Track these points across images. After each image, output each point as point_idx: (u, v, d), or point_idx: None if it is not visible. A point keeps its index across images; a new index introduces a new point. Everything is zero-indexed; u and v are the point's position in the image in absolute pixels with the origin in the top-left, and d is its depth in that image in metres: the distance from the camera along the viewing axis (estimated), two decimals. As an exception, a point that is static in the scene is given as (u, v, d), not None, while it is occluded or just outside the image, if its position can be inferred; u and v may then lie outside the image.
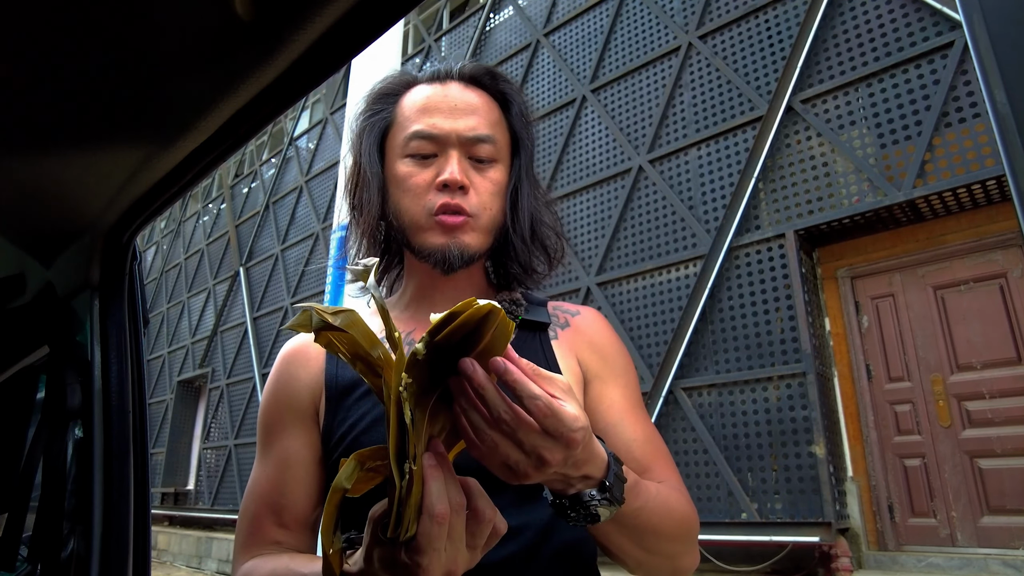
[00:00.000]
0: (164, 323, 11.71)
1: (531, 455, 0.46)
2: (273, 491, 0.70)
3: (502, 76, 0.81)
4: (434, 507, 0.43)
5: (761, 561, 3.95)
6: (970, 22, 0.38)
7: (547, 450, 0.45)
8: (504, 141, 0.78)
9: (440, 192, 0.72)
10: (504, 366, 0.45)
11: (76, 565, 0.72)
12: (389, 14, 0.42)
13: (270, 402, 0.75)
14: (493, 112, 0.77)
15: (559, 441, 0.45)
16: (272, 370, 0.78)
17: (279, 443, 0.72)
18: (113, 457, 0.74)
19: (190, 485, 10.02)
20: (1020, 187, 0.35)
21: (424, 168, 0.74)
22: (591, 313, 0.82)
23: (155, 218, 0.69)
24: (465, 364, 0.44)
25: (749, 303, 4.25)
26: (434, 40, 7.86)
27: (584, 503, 0.51)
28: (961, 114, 3.65)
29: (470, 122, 0.74)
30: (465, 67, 0.79)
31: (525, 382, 0.45)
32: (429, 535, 0.43)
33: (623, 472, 0.55)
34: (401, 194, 0.74)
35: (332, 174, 8.35)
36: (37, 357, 0.87)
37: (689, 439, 4.29)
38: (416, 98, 0.77)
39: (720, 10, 5.01)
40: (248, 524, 0.70)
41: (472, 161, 0.74)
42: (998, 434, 3.55)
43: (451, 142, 0.73)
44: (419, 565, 0.43)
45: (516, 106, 0.80)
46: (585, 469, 0.50)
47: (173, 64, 0.47)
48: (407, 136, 0.74)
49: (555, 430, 0.45)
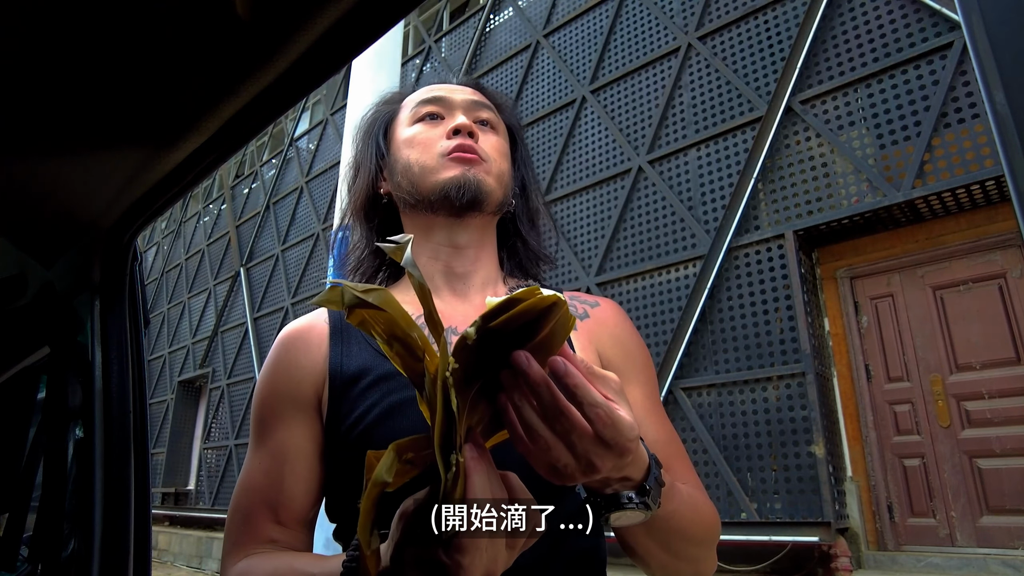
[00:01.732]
0: (165, 323, 11.71)
1: (581, 460, 0.43)
2: (269, 486, 0.65)
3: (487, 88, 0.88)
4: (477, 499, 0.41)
5: (760, 561, 3.95)
6: (969, 23, 0.39)
7: (599, 457, 0.43)
8: (502, 126, 0.83)
9: (451, 138, 0.75)
10: (565, 368, 0.42)
11: (76, 565, 0.72)
12: (389, 15, 0.42)
13: (267, 390, 0.70)
14: (493, 107, 0.83)
15: (613, 449, 0.43)
16: (269, 355, 0.73)
17: (277, 434, 0.67)
18: (113, 457, 0.74)
19: (191, 485, 10.01)
20: (1019, 187, 0.35)
21: (433, 127, 0.77)
22: (611, 305, 0.80)
23: (155, 219, 0.69)
24: (520, 358, 0.41)
25: (748, 303, 4.25)
26: (434, 41, 7.86)
27: (620, 504, 0.49)
28: (960, 115, 3.65)
29: (471, 95, 0.81)
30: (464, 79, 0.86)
31: (587, 388, 0.42)
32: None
33: (662, 475, 0.52)
34: (410, 150, 0.76)
35: (332, 175, 8.35)
36: (38, 357, 0.87)
37: (689, 439, 4.29)
38: (417, 91, 0.83)
39: (720, 11, 5.01)
40: (241, 521, 0.65)
41: (477, 124, 0.79)
42: (997, 434, 3.55)
43: (456, 105, 0.79)
44: (460, 565, 0.40)
45: (507, 110, 0.86)
46: (626, 471, 0.48)
47: (173, 65, 0.47)
48: (414, 105, 0.80)
49: (612, 440, 0.43)
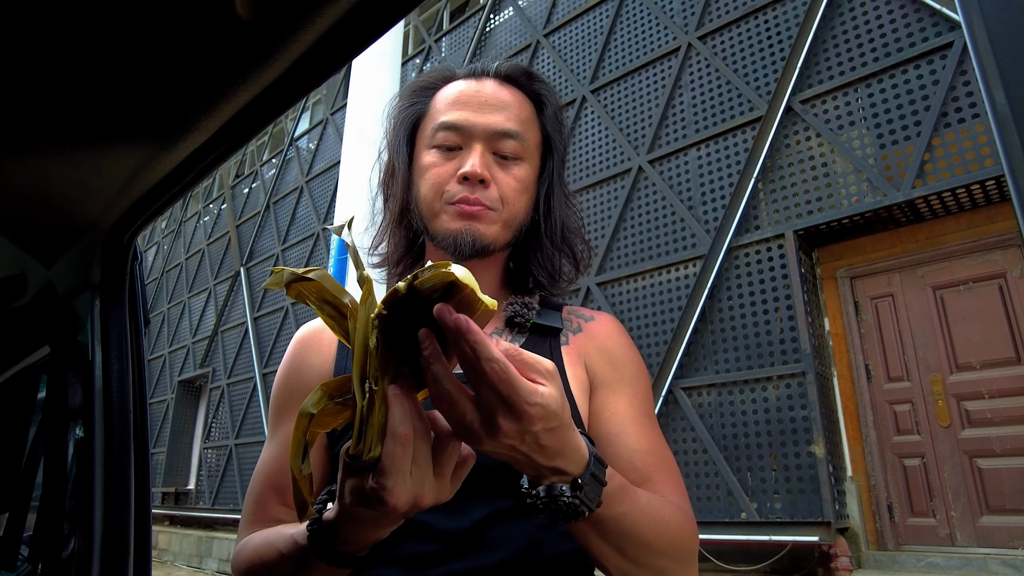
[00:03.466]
0: (165, 323, 11.71)
1: (485, 418, 0.45)
2: (278, 472, 0.71)
3: (538, 77, 0.81)
4: (396, 428, 0.44)
5: (760, 561, 3.95)
6: (969, 22, 0.39)
7: (501, 416, 0.45)
8: (534, 140, 0.78)
9: (460, 184, 0.72)
10: (468, 325, 0.44)
11: (77, 565, 0.72)
12: (389, 15, 0.42)
13: (281, 385, 0.77)
14: (525, 110, 0.78)
15: (513, 411, 0.44)
16: (286, 353, 0.81)
17: (287, 426, 0.73)
18: (114, 457, 0.74)
19: (191, 485, 10.01)
20: (1019, 187, 0.35)
21: (447, 160, 0.75)
22: (606, 319, 0.81)
23: (156, 218, 0.69)
24: (442, 309, 0.44)
25: (748, 303, 4.25)
26: (434, 41, 7.86)
27: (554, 497, 0.50)
28: (960, 114, 3.65)
29: (498, 117, 0.75)
30: (502, 66, 0.79)
31: (485, 343, 0.44)
32: (393, 456, 0.44)
33: (605, 475, 0.53)
34: (422, 183, 0.75)
35: (332, 174, 8.35)
36: (38, 357, 0.87)
37: (689, 439, 4.29)
38: (449, 92, 0.78)
39: (720, 11, 5.01)
40: (253, 503, 0.72)
41: (497, 157, 0.75)
42: (997, 434, 3.55)
43: (476, 135, 0.74)
44: (384, 488, 0.44)
45: (550, 107, 0.81)
46: (557, 462, 0.49)
47: (173, 64, 0.47)
48: (434, 127, 0.76)
49: (509, 397, 0.44)
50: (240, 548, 0.68)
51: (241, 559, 0.66)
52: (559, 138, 0.81)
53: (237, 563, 0.67)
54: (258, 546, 0.64)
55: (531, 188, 0.77)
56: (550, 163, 0.80)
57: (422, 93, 0.81)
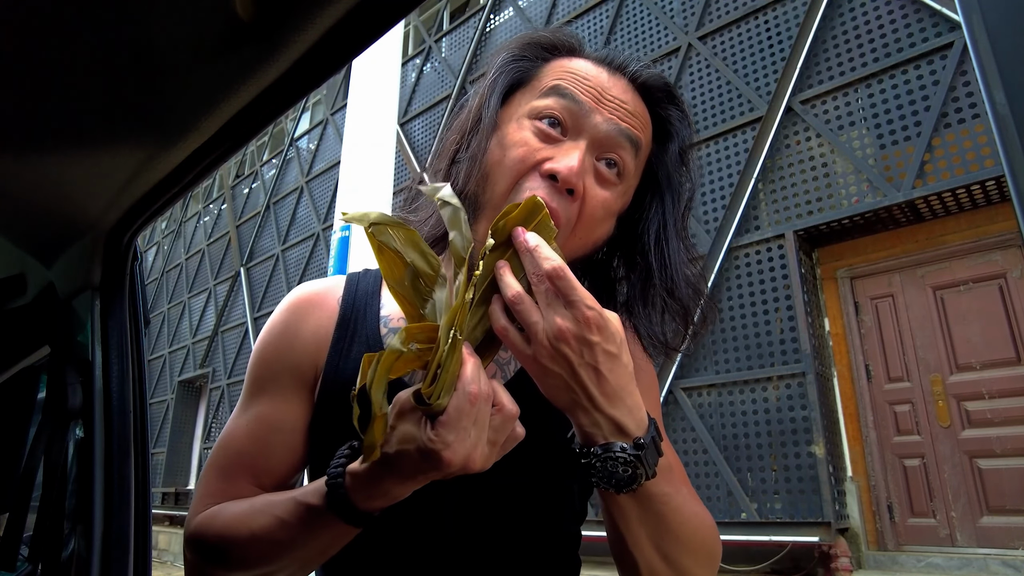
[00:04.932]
0: (165, 323, 11.71)
1: (546, 318, 0.48)
2: (256, 452, 0.64)
3: (680, 101, 0.67)
4: (468, 384, 0.45)
5: (761, 561, 3.95)
6: (969, 23, 0.39)
7: (560, 315, 0.47)
8: (640, 165, 0.66)
9: (542, 181, 0.59)
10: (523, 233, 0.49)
11: (77, 565, 0.72)
12: (389, 15, 0.43)
13: (269, 350, 0.68)
14: (648, 131, 0.66)
15: (571, 310, 0.47)
16: (277, 315, 0.70)
17: (271, 400, 0.66)
18: (114, 457, 0.74)
19: (191, 485, 10.01)
20: (1019, 188, 0.35)
21: (540, 143, 0.60)
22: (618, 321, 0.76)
23: (156, 219, 0.69)
24: (517, 230, 0.49)
25: (748, 303, 4.25)
26: (434, 41, 7.86)
27: (614, 456, 0.49)
28: (960, 115, 3.65)
29: (624, 115, 0.61)
30: (643, 70, 0.65)
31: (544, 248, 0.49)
32: (460, 410, 0.44)
33: (661, 445, 0.52)
34: (499, 158, 0.61)
35: (332, 175, 8.35)
36: (38, 357, 0.88)
37: (689, 439, 4.29)
38: (573, 66, 0.64)
39: (720, 11, 5.01)
40: (218, 477, 0.64)
41: (599, 163, 0.61)
42: (997, 434, 3.55)
43: (589, 127, 0.60)
44: (443, 440, 0.44)
45: (678, 142, 0.67)
46: (618, 410, 0.49)
47: (174, 65, 0.47)
48: (543, 90, 0.62)
49: (568, 295, 0.48)
50: (206, 519, 0.60)
51: (211, 529, 0.59)
52: (677, 179, 0.67)
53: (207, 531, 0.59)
54: (239, 515, 0.58)
55: (613, 218, 0.65)
56: (659, 206, 0.67)
57: (537, 51, 0.67)
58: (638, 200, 0.68)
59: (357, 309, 0.70)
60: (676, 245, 0.66)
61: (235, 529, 0.57)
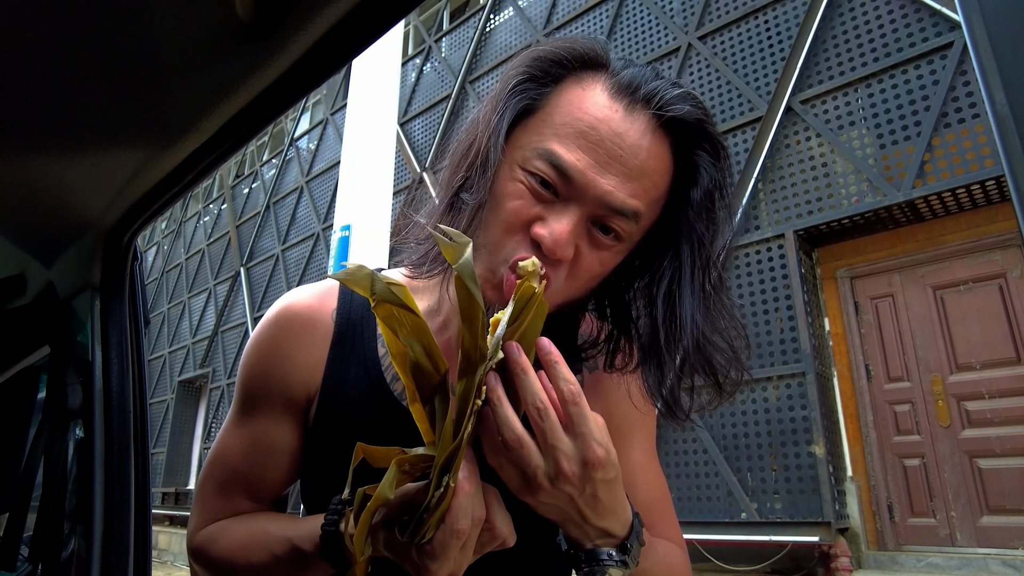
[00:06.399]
0: (165, 323, 11.71)
1: (549, 460, 0.45)
2: (249, 471, 0.66)
3: (713, 138, 0.57)
4: (458, 523, 0.43)
5: (761, 561, 3.95)
6: (969, 23, 0.39)
7: (565, 457, 0.45)
8: (650, 220, 0.58)
9: (529, 245, 0.54)
10: (548, 346, 0.45)
11: (77, 565, 0.72)
12: (389, 15, 0.42)
13: (259, 370, 0.66)
14: (662, 184, 0.57)
15: (578, 445, 0.45)
16: (267, 329, 0.67)
17: (262, 420, 0.66)
18: (114, 457, 0.74)
19: (191, 485, 10.01)
20: (1019, 187, 0.35)
21: (533, 200, 0.55)
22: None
23: (156, 218, 0.69)
24: (511, 348, 0.45)
25: (749, 303, 4.25)
26: (434, 41, 7.86)
27: (599, 561, 0.49)
28: (960, 114, 3.65)
29: (625, 187, 0.54)
30: (672, 103, 0.55)
31: (563, 365, 0.45)
32: (445, 546, 0.43)
33: (643, 534, 0.53)
34: (496, 209, 0.57)
35: (332, 175, 8.35)
36: (38, 357, 0.87)
37: (689, 439, 4.29)
38: (584, 107, 0.56)
39: (720, 11, 5.01)
40: (216, 493, 0.67)
41: (595, 228, 0.56)
42: (997, 434, 3.55)
43: (583, 198, 0.54)
44: (428, 569, 0.44)
45: (701, 188, 0.57)
46: (607, 521, 0.49)
47: (174, 64, 0.47)
48: (538, 151, 0.55)
49: (578, 427, 0.45)
50: (209, 535, 0.64)
51: (213, 551, 0.63)
52: (702, 229, 0.58)
53: (208, 550, 0.64)
54: (239, 542, 0.62)
55: (608, 271, 0.60)
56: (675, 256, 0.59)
57: (547, 68, 0.59)
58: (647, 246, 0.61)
59: (353, 324, 0.67)
60: (690, 302, 0.57)
61: (235, 559, 0.61)
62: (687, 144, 0.57)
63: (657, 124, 0.56)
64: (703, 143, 0.57)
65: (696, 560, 3.97)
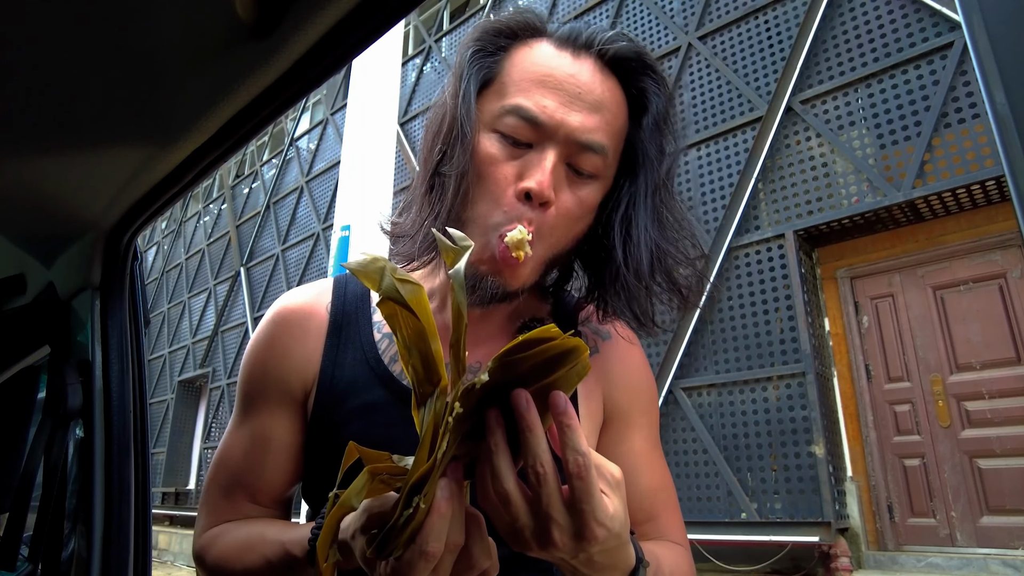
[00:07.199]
0: (165, 323, 11.71)
1: (539, 524, 0.40)
2: (249, 470, 0.66)
3: (654, 67, 0.64)
4: (428, 544, 0.39)
5: (761, 561, 3.95)
6: (969, 23, 0.39)
7: (558, 527, 0.40)
8: (616, 152, 0.63)
9: (521, 203, 0.58)
10: (565, 406, 0.39)
11: (77, 565, 0.72)
12: (390, 15, 0.42)
13: (257, 368, 0.68)
14: (620, 115, 0.62)
15: (575, 522, 0.40)
16: (265, 327, 0.69)
17: (260, 418, 0.67)
18: (114, 457, 0.74)
19: (191, 485, 10.01)
20: (1019, 187, 0.35)
21: (512, 157, 0.59)
22: (625, 341, 0.72)
23: (156, 218, 0.69)
24: (519, 398, 0.39)
25: (749, 303, 4.25)
26: (434, 41, 7.86)
27: None
28: (960, 115, 3.65)
29: (589, 121, 0.59)
30: (611, 43, 0.62)
31: (578, 431, 0.39)
32: (412, 566, 0.39)
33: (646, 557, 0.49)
34: (478, 180, 0.60)
35: (332, 175, 8.35)
36: (38, 357, 0.87)
37: (689, 439, 4.29)
38: (536, 60, 0.61)
39: (720, 11, 5.01)
40: (220, 496, 0.67)
41: (569, 169, 0.60)
42: (997, 434, 3.55)
43: (556, 137, 0.58)
44: None
45: (652, 115, 0.63)
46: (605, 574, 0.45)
47: (174, 64, 0.47)
48: (505, 108, 0.59)
49: (580, 503, 0.39)
50: (210, 539, 0.65)
51: (213, 552, 0.64)
52: (655, 151, 0.64)
53: (207, 553, 0.64)
54: (236, 545, 0.62)
55: (593, 211, 0.63)
56: (631, 184, 0.64)
57: (499, 40, 0.64)
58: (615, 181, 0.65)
59: (348, 314, 0.68)
60: (645, 220, 0.63)
61: (231, 562, 0.62)
62: (632, 77, 0.63)
63: (603, 64, 0.62)
64: (646, 72, 0.63)
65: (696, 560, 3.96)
